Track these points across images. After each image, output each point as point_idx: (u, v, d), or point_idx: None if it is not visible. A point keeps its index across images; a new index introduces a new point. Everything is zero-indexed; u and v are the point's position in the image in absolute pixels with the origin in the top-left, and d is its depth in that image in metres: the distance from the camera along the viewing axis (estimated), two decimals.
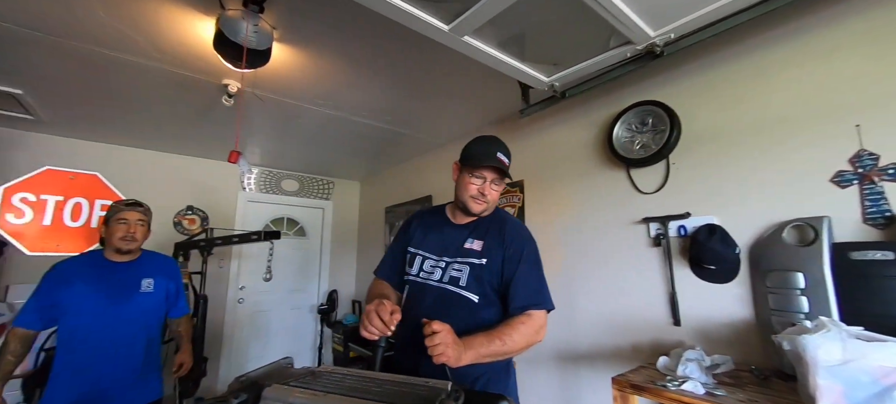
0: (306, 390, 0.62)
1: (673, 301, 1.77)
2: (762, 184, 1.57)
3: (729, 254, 1.56)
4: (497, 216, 1.23)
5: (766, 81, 1.60)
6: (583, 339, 2.16)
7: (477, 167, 1.15)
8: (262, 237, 2.42)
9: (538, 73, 1.89)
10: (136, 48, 1.90)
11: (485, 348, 0.96)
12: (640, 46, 1.55)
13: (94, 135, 3.23)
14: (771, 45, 1.60)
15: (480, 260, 1.12)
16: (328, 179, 4.74)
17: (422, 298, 1.14)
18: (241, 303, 3.95)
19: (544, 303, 1.10)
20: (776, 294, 1.42)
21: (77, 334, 1.58)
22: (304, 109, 2.65)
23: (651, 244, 1.89)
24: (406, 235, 1.30)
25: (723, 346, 1.59)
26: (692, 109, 1.81)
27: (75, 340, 1.57)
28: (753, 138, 1.61)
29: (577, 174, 2.31)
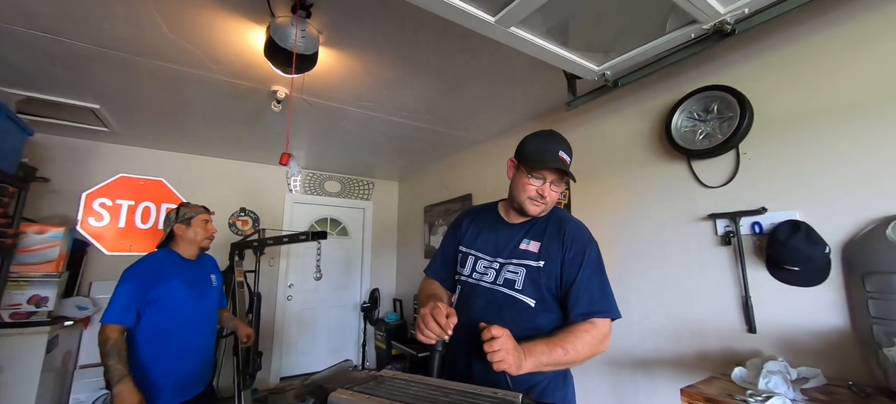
0: (373, 396, 0.60)
1: (746, 305, 1.60)
2: (856, 174, 1.37)
3: (816, 254, 1.38)
4: (555, 215, 1.16)
5: (859, 54, 1.40)
6: (638, 344, 2.03)
7: (537, 167, 1.08)
8: (309, 237, 2.49)
9: (588, 61, 1.78)
10: (195, 61, 2.02)
11: (546, 356, 0.90)
12: (707, 25, 1.41)
13: (158, 144, 3.50)
14: (863, 12, 1.39)
15: (538, 262, 1.06)
16: (368, 180, 4.84)
17: (475, 300, 1.10)
18: (289, 300, 4.13)
19: (609, 311, 1.02)
20: (879, 299, 1.24)
21: (172, 327, 1.67)
22: (346, 112, 2.71)
23: (719, 242, 1.73)
24: (457, 234, 1.26)
25: (810, 358, 1.42)
26: (766, 93, 1.63)
27: (170, 333, 1.66)
28: (844, 121, 1.41)
29: (630, 167, 2.17)
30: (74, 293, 3.00)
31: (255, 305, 2.70)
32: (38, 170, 2.71)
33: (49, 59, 1.98)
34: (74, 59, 2.00)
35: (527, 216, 1.13)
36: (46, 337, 2.42)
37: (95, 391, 2.93)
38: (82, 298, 2.94)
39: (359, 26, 1.75)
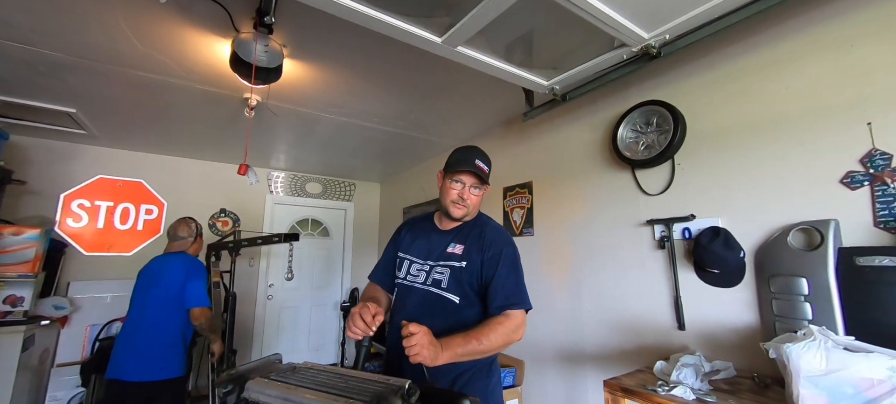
0: (282, 383, 0.71)
1: (677, 305, 1.74)
2: (768, 186, 1.51)
3: (733, 258, 1.52)
4: (478, 221, 1.28)
5: (772, 77, 1.54)
6: (589, 340, 2.16)
7: (456, 172, 1.21)
8: (282, 239, 2.59)
9: (538, 77, 1.91)
10: (167, 69, 2.10)
11: (461, 347, 1.01)
12: (636, 48, 1.54)
13: (137, 146, 3.56)
14: (778, 39, 1.54)
15: (461, 263, 1.18)
16: (350, 181, 4.93)
17: (407, 300, 1.22)
18: (270, 299, 4.20)
19: (522, 303, 1.14)
20: (780, 299, 1.38)
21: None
22: (319, 117, 2.80)
23: (656, 246, 1.87)
24: (397, 241, 1.38)
25: (726, 352, 1.56)
26: (697, 108, 1.77)
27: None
28: (760, 137, 1.55)
29: (584, 175, 2.30)
30: (52, 293, 3.05)
31: (229, 304, 2.78)
32: (15, 172, 2.76)
33: (23, 65, 2.05)
34: (49, 67, 2.07)
35: (454, 220, 1.25)
36: (22, 337, 2.48)
37: (72, 388, 2.99)
38: (60, 298, 2.99)
39: (321, 41, 1.85)
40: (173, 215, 3.71)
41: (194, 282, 2.12)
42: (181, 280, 2.12)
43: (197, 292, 2.11)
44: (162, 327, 2.06)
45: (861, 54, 1.33)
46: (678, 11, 1.37)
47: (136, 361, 1.96)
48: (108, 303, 3.30)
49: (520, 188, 2.77)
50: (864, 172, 1.29)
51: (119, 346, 2.05)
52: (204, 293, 2.14)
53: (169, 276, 2.14)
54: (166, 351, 2.04)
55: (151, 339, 2.02)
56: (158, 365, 2.00)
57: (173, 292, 2.10)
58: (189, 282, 2.11)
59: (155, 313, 2.06)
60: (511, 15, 1.38)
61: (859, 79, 1.33)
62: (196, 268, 2.21)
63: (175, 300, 2.10)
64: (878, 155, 1.27)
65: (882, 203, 1.24)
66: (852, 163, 1.32)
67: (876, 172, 1.26)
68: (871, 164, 1.28)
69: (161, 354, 2.02)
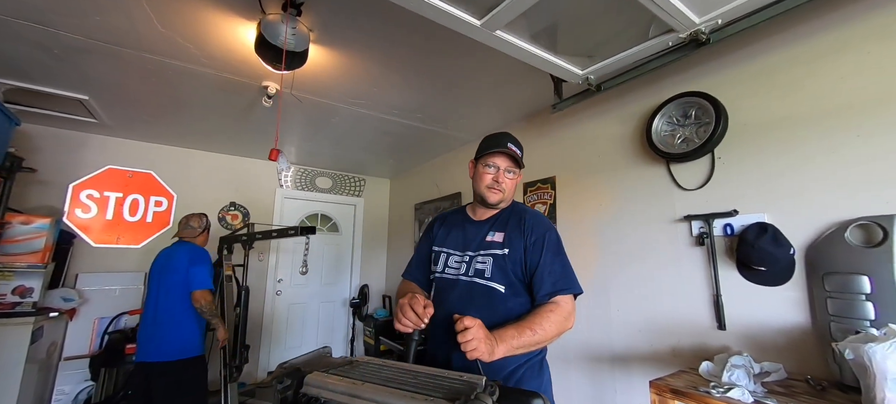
0: (345, 378, 0.64)
1: (717, 303, 1.67)
2: (820, 179, 1.45)
3: (782, 255, 1.45)
4: (515, 209, 1.23)
5: (824, 67, 1.47)
6: (617, 340, 2.09)
7: (489, 155, 1.16)
8: (298, 232, 2.52)
9: (572, 65, 1.84)
10: (187, 55, 2.03)
11: (516, 340, 0.95)
12: (684, 34, 1.47)
13: (148, 137, 3.49)
14: (831, 27, 1.47)
15: (503, 250, 1.12)
16: (360, 177, 4.86)
17: (449, 293, 1.15)
18: (279, 295, 4.14)
19: (571, 287, 1.08)
20: (837, 299, 1.31)
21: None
22: (337, 108, 2.73)
23: (693, 243, 1.80)
24: (430, 236, 1.33)
25: (774, 354, 1.49)
26: (740, 99, 1.70)
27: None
28: (810, 130, 1.49)
29: (613, 170, 2.23)
30: (60, 284, 2.98)
31: (242, 299, 2.72)
32: (25, 160, 2.70)
33: (38, 48, 1.98)
34: (64, 50, 2.00)
35: (489, 207, 1.19)
36: (31, 328, 2.41)
37: (80, 383, 2.92)
38: (68, 290, 2.93)
39: (350, 25, 1.79)
40: (183, 208, 3.67)
41: (197, 267, 2.28)
42: (186, 265, 2.30)
43: (198, 275, 2.28)
44: (176, 311, 2.24)
45: None
46: None
47: (158, 344, 2.17)
48: (116, 295, 3.23)
49: (542, 183, 2.70)
50: None
51: (142, 332, 2.28)
52: (205, 277, 2.29)
53: (176, 263, 2.33)
54: (184, 333, 2.24)
55: (169, 322, 2.22)
56: (178, 345, 2.20)
57: (181, 277, 2.28)
58: (192, 267, 2.28)
59: (168, 298, 2.25)
60: None
61: None
62: (199, 254, 2.38)
63: (184, 284, 2.27)
64: None
65: None
66: None
67: None
68: None
69: (179, 336, 2.22)
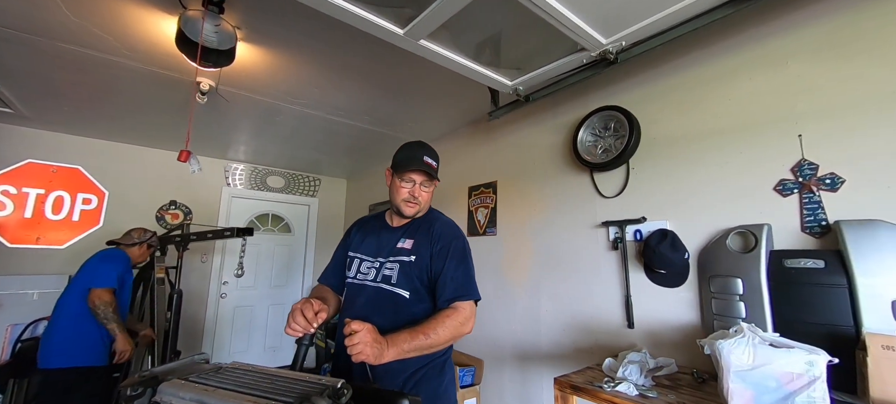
0: (199, 385, 0.65)
1: (628, 304, 1.80)
2: (711, 191, 1.60)
3: (678, 259, 1.59)
4: (428, 217, 1.27)
5: (716, 89, 1.63)
6: (544, 340, 2.20)
7: (405, 171, 1.18)
8: (235, 233, 2.45)
9: (502, 77, 1.91)
10: (105, 45, 1.93)
11: (408, 343, 0.98)
12: (595, 53, 1.58)
13: (77, 130, 3.26)
14: (725, 53, 1.62)
15: (410, 257, 1.16)
16: (315, 177, 4.77)
17: (357, 298, 1.18)
18: (223, 297, 3.98)
19: (470, 294, 1.13)
20: (718, 299, 1.45)
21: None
22: (279, 107, 2.68)
23: (610, 247, 1.92)
24: (347, 241, 1.35)
25: (670, 349, 1.63)
26: (651, 115, 1.84)
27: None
28: (705, 145, 1.64)
29: (546, 177, 2.34)
30: None
31: (174, 303, 2.60)
32: None
33: None
34: None
35: (405, 217, 1.22)
36: None
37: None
38: None
39: (280, 26, 1.76)
40: (116, 205, 3.47)
41: (102, 264, 2.11)
42: (95, 264, 2.13)
43: (101, 272, 2.07)
44: (79, 315, 2.03)
45: (796, 71, 1.43)
46: (634, 19, 1.41)
47: (48, 348, 1.97)
48: (34, 300, 2.99)
49: (484, 187, 2.78)
50: (794, 181, 1.38)
51: (43, 336, 2.09)
52: (107, 274, 2.07)
53: (87, 265, 2.16)
54: (84, 339, 2.01)
55: (68, 326, 2.01)
56: (77, 352, 1.98)
57: (88, 277, 2.08)
58: (99, 265, 2.11)
59: (72, 301, 2.06)
60: (473, 12, 1.37)
61: (793, 95, 1.42)
62: (111, 254, 2.21)
63: (87, 285, 2.07)
64: (806, 165, 1.36)
65: (809, 209, 1.34)
66: (784, 172, 1.41)
67: (804, 181, 1.36)
68: (800, 173, 1.37)
69: (79, 341, 2.00)
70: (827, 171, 1.32)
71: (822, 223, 1.31)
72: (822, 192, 1.32)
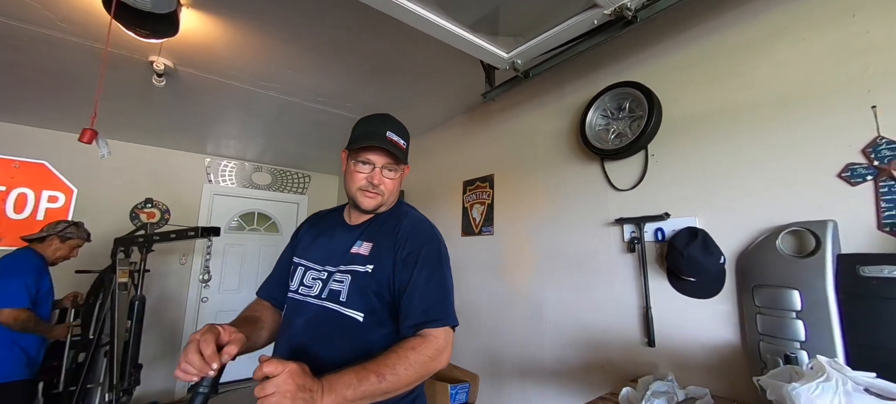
0: None
1: (647, 317, 1.50)
2: (754, 180, 1.29)
3: (712, 264, 1.29)
4: (395, 213, 0.98)
5: (760, 54, 1.32)
6: (548, 354, 1.91)
7: (361, 150, 0.90)
8: (199, 233, 2.19)
9: (497, 48, 1.62)
10: (37, 16, 1.66)
11: (353, 389, 0.70)
12: (608, 10, 1.28)
13: (40, 121, 3.01)
14: (767, 10, 1.32)
15: (366, 267, 0.87)
16: (303, 173, 4.51)
17: (294, 320, 0.90)
18: (205, 301, 3.73)
19: (444, 318, 0.83)
20: (766, 315, 1.15)
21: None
22: (253, 93, 2.41)
23: (625, 249, 1.63)
24: (294, 242, 1.07)
25: (702, 375, 1.33)
26: (675, 91, 1.54)
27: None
28: (744, 124, 1.33)
29: (549, 168, 2.04)
30: None
31: (136, 311, 2.34)
32: None
33: None
34: None
35: (365, 212, 0.94)
36: None
37: None
38: None
39: None
40: (87, 203, 3.21)
41: (2, 281, 1.87)
42: None
43: (3, 292, 1.85)
44: None
45: (864, 26, 1.12)
46: None
47: None
48: None
49: (480, 182, 2.49)
50: (868, 165, 1.08)
51: None
52: (11, 294, 1.85)
53: None
54: None
55: None
56: None
57: None
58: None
59: None
60: None
61: (862, 55, 1.12)
62: (13, 263, 1.96)
63: None
64: (883, 143, 1.06)
65: (888, 201, 1.04)
66: (853, 155, 1.11)
67: (881, 164, 1.06)
68: (875, 155, 1.07)
69: None
70: None
71: None
72: None
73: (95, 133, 1.36)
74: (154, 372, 3.36)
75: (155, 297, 3.44)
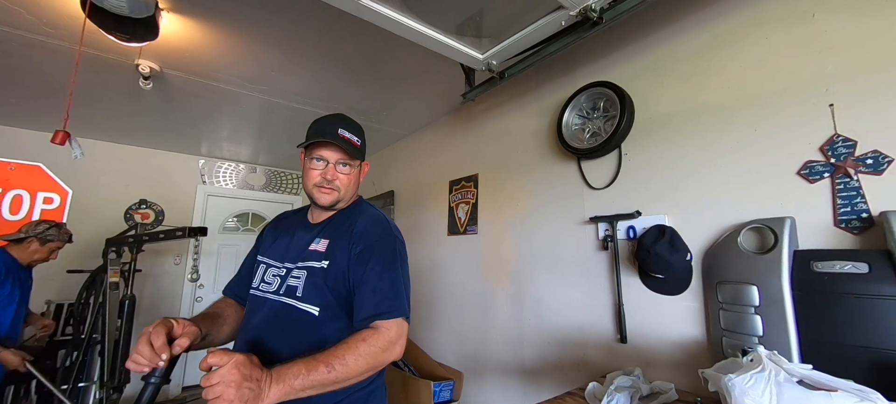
0: None
1: (619, 314, 1.52)
2: (719, 178, 1.31)
3: (678, 261, 1.31)
4: (353, 210, 1.01)
5: (725, 54, 1.34)
6: (528, 352, 1.92)
7: (314, 147, 0.93)
8: (187, 233, 2.22)
9: (472, 49, 1.65)
10: (23, 22, 1.70)
11: (301, 378, 0.72)
12: (574, 11, 1.30)
13: (35, 124, 3.07)
14: (734, 9, 1.33)
15: (321, 262, 0.90)
16: (297, 173, 4.55)
17: (253, 316, 0.93)
18: (199, 301, 3.77)
19: (396, 310, 0.86)
20: (728, 311, 1.17)
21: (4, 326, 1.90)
22: (237, 94, 2.44)
23: (599, 247, 1.65)
24: (258, 242, 1.10)
25: (669, 370, 1.35)
26: (646, 91, 1.56)
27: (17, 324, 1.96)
28: (711, 122, 1.35)
29: (528, 167, 2.06)
30: None
31: (126, 310, 2.38)
32: None
33: None
34: None
35: (324, 210, 0.97)
36: None
37: None
38: None
39: None
40: (81, 205, 3.25)
41: None
42: None
43: None
44: None
45: (824, 24, 1.14)
46: None
47: None
48: None
49: (466, 181, 2.52)
50: (825, 162, 1.09)
51: None
52: None
53: None
54: None
55: None
56: None
57: None
58: None
59: None
60: None
61: (821, 54, 1.13)
62: None
63: None
64: (840, 141, 1.07)
65: (844, 198, 1.05)
66: (811, 152, 1.12)
67: (838, 162, 1.07)
68: (832, 153, 1.08)
69: None
70: (868, 149, 1.03)
71: (862, 215, 1.02)
72: (861, 176, 1.03)
73: (68, 134, 1.38)
74: None
75: (149, 297, 3.49)
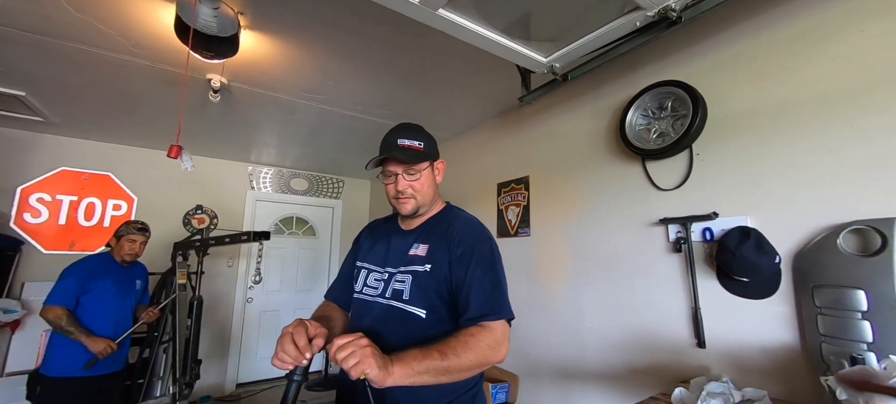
0: None
1: (696, 318, 1.48)
2: (809, 177, 1.26)
3: (766, 264, 1.26)
4: (445, 215, 1.04)
5: (813, 47, 1.29)
6: (590, 357, 1.90)
7: (383, 163, 0.97)
8: (251, 237, 2.34)
9: (535, 53, 1.65)
10: (114, 43, 1.84)
11: (418, 362, 0.75)
12: (652, 12, 1.29)
13: (105, 136, 3.30)
14: (818, 3, 1.28)
15: (424, 266, 0.93)
16: (338, 178, 4.67)
17: (363, 318, 0.97)
18: (250, 302, 3.94)
19: (501, 312, 0.88)
20: (828, 316, 1.12)
21: (98, 317, 2.04)
22: (295, 104, 2.55)
23: (670, 249, 1.61)
24: (355, 249, 1.15)
25: (758, 377, 1.30)
26: (720, 88, 1.51)
27: (95, 322, 2.03)
28: (798, 119, 1.30)
29: (587, 169, 2.05)
30: (4, 294, 2.79)
31: (194, 309, 2.52)
32: None
33: None
34: None
35: (415, 218, 1.02)
36: None
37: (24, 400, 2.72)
38: (10, 301, 2.73)
39: (286, 10, 1.60)
40: (144, 211, 3.48)
41: (57, 282, 2.01)
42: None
43: (52, 289, 1.99)
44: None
45: None
46: None
47: (47, 357, 2.01)
48: None
49: (516, 184, 2.52)
50: None
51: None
52: (56, 292, 1.97)
53: None
54: (60, 350, 1.99)
55: (52, 337, 2.04)
56: (55, 362, 1.97)
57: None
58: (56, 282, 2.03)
59: None
60: None
61: None
62: (71, 266, 2.07)
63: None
64: None
65: None
66: None
67: None
68: None
69: (58, 352, 1.99)
70: None
71: None
72: None
73: (180, 148, 1.49)
74: (206, 368, 3.58)
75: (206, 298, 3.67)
